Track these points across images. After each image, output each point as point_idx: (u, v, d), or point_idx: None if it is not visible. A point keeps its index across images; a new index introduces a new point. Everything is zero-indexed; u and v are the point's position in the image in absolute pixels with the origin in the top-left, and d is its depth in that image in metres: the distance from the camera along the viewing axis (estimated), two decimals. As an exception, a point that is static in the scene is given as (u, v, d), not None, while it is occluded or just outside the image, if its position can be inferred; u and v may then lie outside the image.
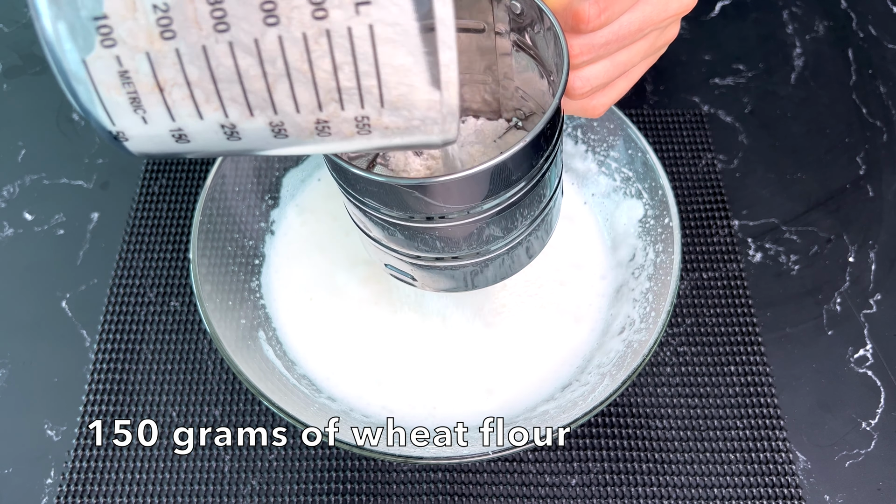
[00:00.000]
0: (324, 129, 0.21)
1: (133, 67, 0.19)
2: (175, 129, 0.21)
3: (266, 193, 0.44)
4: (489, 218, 0.29)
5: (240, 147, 0.22)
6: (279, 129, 0.21)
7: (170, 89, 0.20)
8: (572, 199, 0.45)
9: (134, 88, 0.19)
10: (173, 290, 0.44)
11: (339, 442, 0.32)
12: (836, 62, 0.55)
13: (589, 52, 0.28)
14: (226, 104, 0.20)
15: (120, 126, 0.20)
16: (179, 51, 0.19)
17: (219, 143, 0.22)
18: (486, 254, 0.32)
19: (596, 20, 0.27)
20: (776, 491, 0.38)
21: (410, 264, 0.32)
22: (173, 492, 0.38)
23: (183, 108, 0.20)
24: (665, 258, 0.38)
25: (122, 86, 0.19)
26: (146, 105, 0.20)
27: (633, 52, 0.30)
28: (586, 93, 0.30)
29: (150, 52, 0.19)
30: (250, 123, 0.21)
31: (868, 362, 0.42)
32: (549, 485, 0.38)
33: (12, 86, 0.54)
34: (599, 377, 0.36)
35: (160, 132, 0.21)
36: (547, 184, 0.31)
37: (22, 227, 0.47)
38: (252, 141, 0.21)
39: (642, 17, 0.29)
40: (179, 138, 0.21)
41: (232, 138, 0.21)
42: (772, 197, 0.48)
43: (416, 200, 0.27)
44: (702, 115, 0.52)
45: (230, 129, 0.21)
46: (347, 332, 0.40)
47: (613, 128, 0.42)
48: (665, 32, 0.31)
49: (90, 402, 0.40)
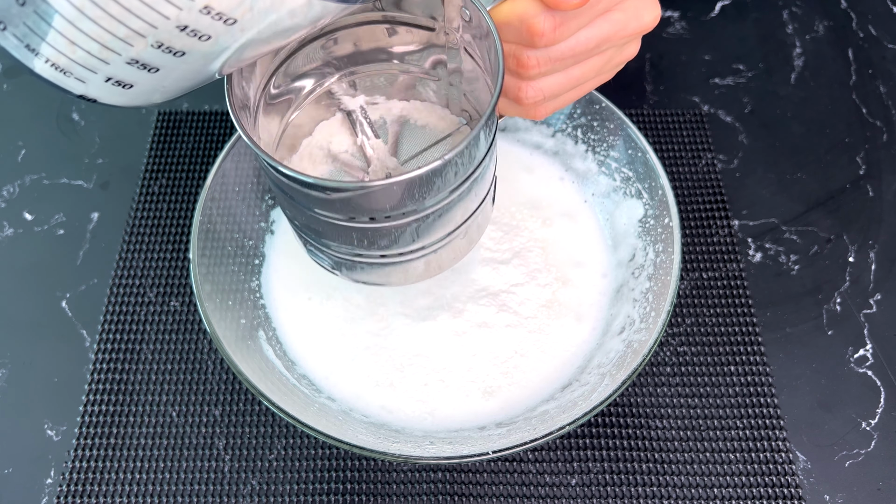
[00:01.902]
0: (193, 32, 0.22)
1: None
2: (110, 75, 0.23)
3: (266, 193, 0.44)
4: (404, 224, 0.29)
5: (170, 77, 0.24)
6: (167, 48, 0.22)
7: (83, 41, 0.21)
8: (573, 197, 0.45)
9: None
10: (173, 290, 0.44)
11: (340, 441, 0.32)
12: (836, 62, 0.55)
13: (544, 64, 0.29)
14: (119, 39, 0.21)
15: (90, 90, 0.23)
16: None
17: (148, 80, 0.23)
18: (399, 257, 0.32)
19: (550, 35, 0.27)
20: (776, 491, 0.38)
21: (329, 253, 0.33)
22: (173, 492, 0.38)
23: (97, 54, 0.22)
24: (665, 258, 0.38)
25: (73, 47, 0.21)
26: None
27: (588, 67, 0.30)
28: (538, 102, 0.30)
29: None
30: (144, 52, 0.22)
31: (868, 362, 0.42)
32: (549, 485, 0.38)
33: (12, 86, 0.54)
34: (599, 377, 0.36)
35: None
36: (466, 198, 0.31)
37: (22, 226, 0.47)
38: (169, 70, 0.23)
39: (600, 34, 0.29)
40: (119, 84, 0.23)
41: (151, 71, 0.23)
42: (772, 197, 0.48)
43: (327, 204, 0.28)
44: (702, 115, 0.52)
45: (142, 65, 0.22)
46: (347, 332, 0.40)
47: (613, 128, 0.43)
48: (623, 50, 0.31)
49: (90, 402, 0.40)
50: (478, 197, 0.32)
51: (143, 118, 0.52)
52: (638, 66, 0.54)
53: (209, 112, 0.52)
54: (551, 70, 0.29)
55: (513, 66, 0.29)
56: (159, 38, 0.21)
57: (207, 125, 0.51)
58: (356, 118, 0.36)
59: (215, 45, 0.22)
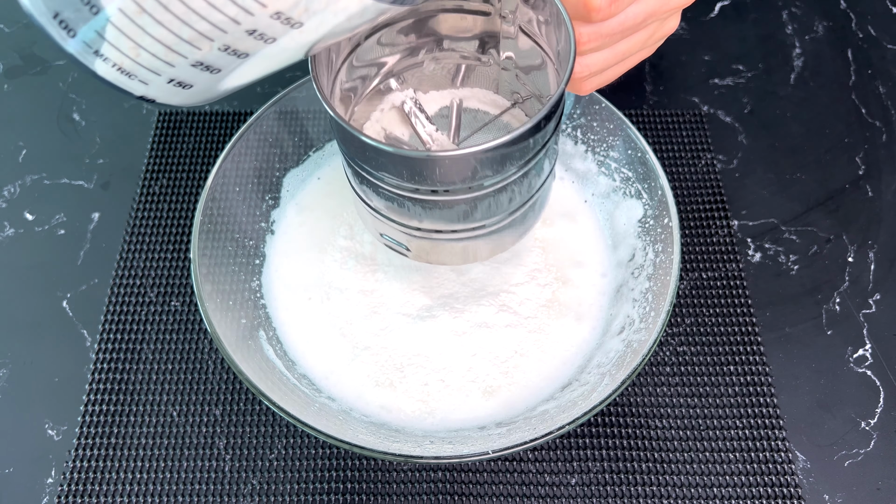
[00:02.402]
0: (260, 35, 0.22)
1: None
2: (173, 77, 0.23)
3: (266, 193, 0.44)
4: (488, 194, 0.30)
5: (217, 79, 0.24)
6: (232, 51, 0.22)
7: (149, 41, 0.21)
8: (573, 197, 0.45)
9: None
10: (174, 290, 0.44)
11: (340, 441, 0.32)
12: (835, 62, 0.55)
13: (595, 40, 0.29)
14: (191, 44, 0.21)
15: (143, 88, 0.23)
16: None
17: (208, 80, 0.23)
18: (481, 229, 0.33)
19: (606, 10, 0.28)
20: (776, 490, 0.38)
21: (407, 235, 0.34)
22: (173, 491, 0.38)
23: (161, 56, 0.22)
24: (664, 258, 0.38)
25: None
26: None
27: (633, 41, 0.31)
28: (584, 77, 0.31)
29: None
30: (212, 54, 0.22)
31: (867, 362, 0.42)
32: (549, 484, 0.38)
33: (13, 86, 0.54)
34: (599, 377, 0.36)
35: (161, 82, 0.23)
36: (542, 165, 0.32)
37: (23, 226, 0.47)
38: (229, 70, 0.23)
39: (647, 9, 0.29)
40: (180, 85, 0.23)
41: (213, 72, 0.23)
42: (771, 197, 0.48)
43: (422, 172, 0.29)
44: (701, 115, 0.52)
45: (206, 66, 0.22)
46: (347, 332, 0.40)
47: (613, 128, 0.43)
48: (664, 24, 0.32)
49: (91, 401, 0.40)
50: (544, 173, 0.33)
51: (143, 118, 0.52)
52: (637, 66, 0.54)
53: (210, 112, 0.52)
54: (601, 45, 0.30)
55: None
56: (227, 41, 0.22)
57: (208, 125, 0.51)
58: (410, 109, 0.37)
59: (277, 46, 0.23)
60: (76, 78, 0.54)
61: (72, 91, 0.54)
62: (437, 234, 0.33)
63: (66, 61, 0.55)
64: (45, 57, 0.56)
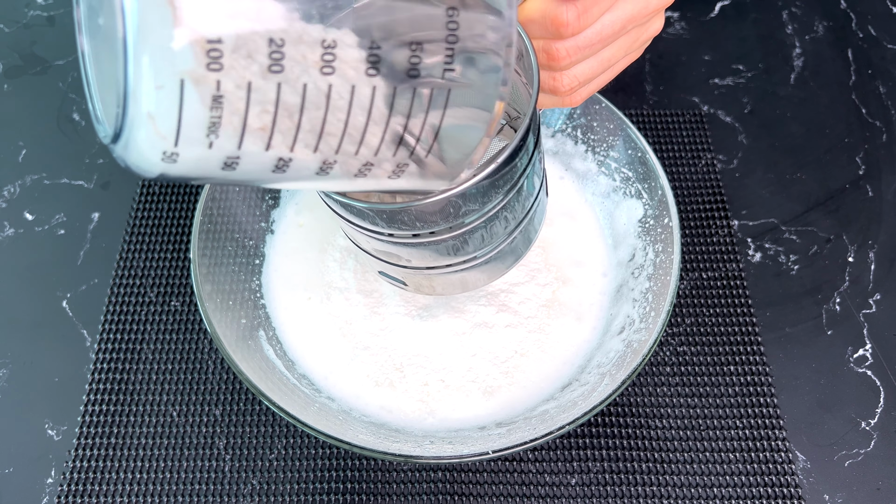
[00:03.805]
0: (364, 172, 0.21)
1: (230, 94, 0.18)
2: (232, 156, 0.20)
3: (266, 193, 0.44)
4: (473, 229, 0.30)
5: (277, 179, 0.21)
6: (327, 168, 0.21)
7: (254, 120, 0.19)
8: (573, 196, 0.45)
9: (219, 114, 0.18)
10: (174, 290, 0.44)
11: (340, 441, 0.32)
12: (835, 62, 0.55)
13: (575, 53, 0.29)
14: (298, 141, 0.20)
15: (180, 147, 0.19)
16: (280, 86, 0.18)
17: (260, 174, 0.21)
18: (473, 260, 0.33)
19: (576, 24, 0.28)
20: (776, 490, 0.38)
21: (402, 270, 0.34)
22: (173, 491, 0.38)
23: (257, 138, 0.19)
24: (665, 258, 0.38)
25: (209, 109, 0.18)
26: (222, 132, 0.19)
27: (617, 48, 0.31)
28: (574, 88, 0.31)
29: (253, 83, 0.18)
30: (305, 159, 0.20)
31: (867, 362, 0.42)
32: (549, 484, 0.38)
33: (13, 86, 0.54)
34: (599, 377, 0.36)
35: (215, 157, 0.20)
36: (526, 191, 0.32)
37: (23, 226, 0.47)
38: (292, 174, 0.21)
39: (623, 15, 0.29)
40: (227, 166, 0.20)
41: (277, 171, 0.21)
42: (771, 197, 0.48)
43: (400, 220, 0.29)
44: (701, 115, 0.52)
45: (284, 164, 0.20)
46: (347, 332, 0.40)
47: (613, 128, 0.43)
48: (648, 27, 0.32)
49: (91, 401, 0.40)
50: (531, 197, 0.33)
51: (143, 118, 0.52)
52: (637, 66, 0.54)
53: (209, 112, 0.52)
54: (582, 57, 0.30)
55: (544, 61, 0.30)
56: (337, 160, 0.21)
57: (208, 125, 0.51)
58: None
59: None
60: (76, 78, 0.54)
61: (72, 91, 0.54)
62: (430, 269, 0.33)
63: (66, 61, 0.55)
64: (45, 57, 0.56)
